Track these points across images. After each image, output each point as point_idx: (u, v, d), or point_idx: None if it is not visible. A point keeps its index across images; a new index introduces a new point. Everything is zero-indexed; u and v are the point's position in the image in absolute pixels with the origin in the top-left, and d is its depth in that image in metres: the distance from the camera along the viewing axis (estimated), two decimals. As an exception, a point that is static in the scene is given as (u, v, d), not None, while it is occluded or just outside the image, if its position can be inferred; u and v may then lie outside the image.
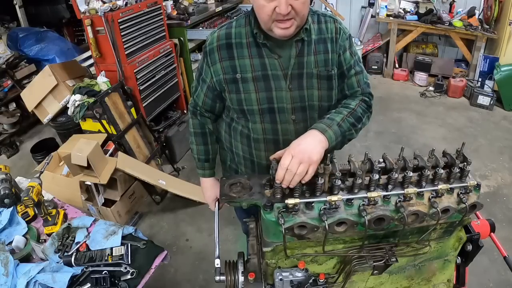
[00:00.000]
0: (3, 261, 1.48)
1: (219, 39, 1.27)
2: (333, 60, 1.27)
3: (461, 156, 1.05)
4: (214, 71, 1.28)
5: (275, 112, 1.27)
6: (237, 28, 1.26)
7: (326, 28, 1.28)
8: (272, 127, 1.29)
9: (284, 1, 1.07)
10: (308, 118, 1.30)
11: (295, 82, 1.24)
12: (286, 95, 1.25)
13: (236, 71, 1.25)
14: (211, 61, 1.28)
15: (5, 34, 4.64)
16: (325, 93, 1.28)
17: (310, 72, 1.25)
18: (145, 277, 1.50)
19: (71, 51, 4.55)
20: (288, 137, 1.29)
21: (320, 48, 1.25)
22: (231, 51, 1.25)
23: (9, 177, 1.72)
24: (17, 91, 4.08)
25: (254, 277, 1.11)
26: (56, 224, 1.75)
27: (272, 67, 1.23)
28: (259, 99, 1.25)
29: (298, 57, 1.23)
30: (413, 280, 1.22)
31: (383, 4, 5.26)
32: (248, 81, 1.24)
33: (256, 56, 1.23)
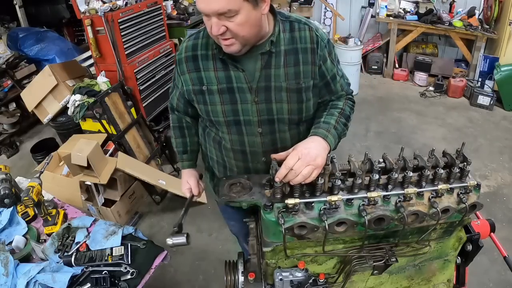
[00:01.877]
0: (3, 261, 1.48)
1: (187, 50, 1.27)
2: (306, 73, 1.22)
3: (461, 156, 1.05)
4: (184, 81, 1.30)
5: (241, 124, 1.27)
6: (204, 39, 1.24)
7: (300, 37, 1.21)
8: (239, 139, 1.30)
9: (215, 22, 1.05)
10: (276, 131, 1.29)
11: (261, 95, 1.22)
12: (252, 108, 1.23)
13: (202, 82, 1.25)
14: (181, 71, 1.30)
15: (5, 34, 4.64)
16: (295, 106, 1.25)
17: (279, 85, 1.21)
18: (145, 277, 1.50)
19: (71, 51, 4.55)
20: (255, 149, 1.31)
21: (291, 60, 1.20)
22: (197, 63, 1.25)
23: (9, 177, 1.72)
24: (17, 91, 4.08)
25: (254, 277, 1.11)
26: (56, 224, 1.75)
27: (237, 80, 1.21)
28: (225, 111, 1.25)
29: (264, 69, 1.19)
30: (413, 280, 1.22)
31: (383, 4, 5.26)
32: (214, 93, 1.24)
33: (221, 68, 1.22)
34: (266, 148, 1.30)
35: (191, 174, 1.53)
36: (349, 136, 4.50)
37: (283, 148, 1.27)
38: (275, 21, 1.20)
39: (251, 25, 1.08)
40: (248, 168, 1.37)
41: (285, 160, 1.00)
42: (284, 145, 1.31)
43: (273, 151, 1.26)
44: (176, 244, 1.19)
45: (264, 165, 1.35)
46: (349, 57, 4.91)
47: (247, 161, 1.35)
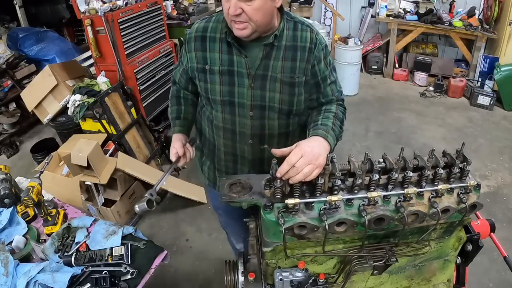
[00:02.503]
0: (3, 261, 1.48)
1: (197, 30, 1.37)
2: (301, 69, 1.31)
3: (461, 156, 1.05)
4: (189, 58, 1.39)
5: (235, 106, 1.36)
6: (215, 23, 1.35)
7: (301, 36, 1.32)
8: (231, 118, 1.39)
9: (234, 3, 1.15)
10: (266, 117, 1.37)
11: (257, 82, 1.31)
12: (248, 92, 1.32)
13: (206, 62, 1.34)
14: (188, 49, 1.39)
15: (5, 34, 4.65)
16: (287, 98, 1.34)
17: (275, 76, 1.31)
18: (145, 277, 1.50)
19: (71, 51, 4.55)
20: (244, 130, 1.40)
21: (289, 55, 1.30)
22: (205, 44, 1.34)
23: (9, 177, 1.72)
24: (17, 91, 4.08)
25: (254, 277, 1.11)
26: (56, 224, 1.75)
27: (239, 65, 1.31)
28: (222, 91, 1.35)
29: (264, 59, 1.29)
30: (413, 280, 1.22)
31: (383, 4, 5.26)
32: (215, 73, 1.34)
33: (225, 52, 1.32)
34: (254, 131, 1.39)
35: (178, 138, 1.50)
36: (349, 136, 4.53)
37: (270, 135, 1.41)
38: (281, 19, 1.31)
39: (265, 13, 1.19)
40: (235, 148, 1.45)
41: (288, 156, 1.01)
42: (271, 131, 1.40)
43: (260, 136, 1.41)
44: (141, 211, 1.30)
45: (250, 147, 1.43)
46: (349, 57, 4.91)
47: (235, 140, 1.43)
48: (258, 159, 1.46)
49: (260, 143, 1.42)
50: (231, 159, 1.50)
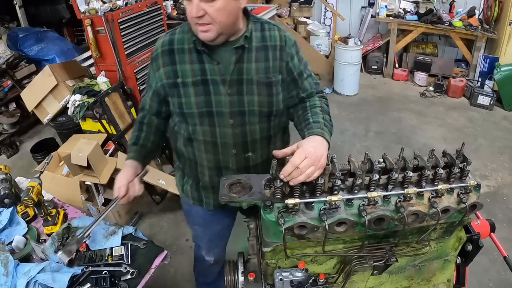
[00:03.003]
0: (3, 261, 1.48)
1: (163, 45, 1.32)
2: (275, 68, 1.31)
3: (461, 156, 1.05)
4: (159, 76, 1.33)
5: (213, 116, 1.31)
6: (180, 35, 1.31)
7: (270, 36, 1.32)
8: (210, 130, 1.34)
9: (196, 4, 1.12)
10: (247, 123, 1.33)
11: (234, 88, 1.28)
12: (225, 99, 1.29)
13: (177, 75, 1.30)
14: (156, 67, 1.34)
15: (5, 34, 4.65)
16: (265, 99, 1.32)
17: (250, 78, 1.28)
18: (145, 277, 1.50)
19: (71, 51, 4.55)
20: (225, 140, 1.35)
21: (261, 56, 1.29)
22: (173, 57, 1.30)
23: (9, 177, 1.72)
24: (17, 91, 4.08)
25: (254, 277, 1.11)
26: (56, 224, 1.75)
27: (212, 72, 1.27)
28: (198, 103, 1.29)
29: (237, 63, 1.27)
30: (413, 280, 1.22)
31: (383, 4, 5.27)
32: (188, 86, 1.29)
33: (196, 61, 1.28)
34: (236, 140, 1.35)
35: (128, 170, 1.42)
36: (349, 136, 4.54)
37: (252, 141, 1.38)
38: (248, 21, 1.30)
39: (229, 13, 1.17)
40: (218, 160, 1.40)
41: (292, 158, 0.99)
42: (253, 137, 1.37)
43: (243, 144, 1.37)
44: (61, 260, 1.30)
45: (234, 157, 1.38)
46: (349, 57, 4.91)
47: (218, 153, 1.38)
48: (243, 168, 1.41)
49: (244, 151, 1.38)
50: (215, 173, 1.44)
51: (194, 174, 1.50)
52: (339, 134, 4.22)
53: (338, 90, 5.18)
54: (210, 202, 1.54)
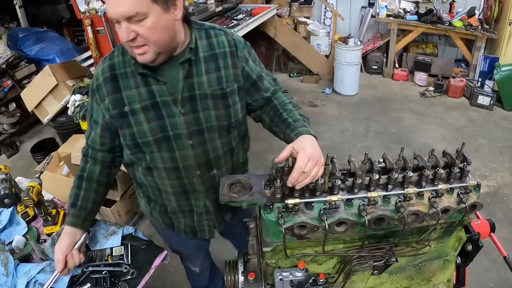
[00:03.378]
0: (3, 261, 1.48)
1: (103, 72, 1.20)
2: (229, 76, 1.22)
3: (461, 156, 1.05)
4: (104, 108, 1.21)
5: (171, 140, 1.22)
6: (120, 57, 1.19)
7: (217, 43, 1.22)
8: (170, 156, 1.24)
9: (125, 27, 1.02)
10: (207, 141, 1.26)
11: (187, 106, 1.19)
12: (180, 120, 1.19)
13: (123, 103, 1.18)
14: (100, 99, 1.21)
15: (5, 34, 4.65)
16: (223, 112, 1.24)
17: (203, 93, 1.20)
18: (145, 277, 1.49)
19: (71, 51, 4.56)
20: (188, 163, 1.27)
21: (212, 66, 1.20)
22: (117, 83, 1.18)
23: (9, 177, 1.72)
24: (17, 91, 4.09)
25: (254, 277, 1.11)
26: (56, 224, 1.74)
27: (160, 94, 1.17)
28: (152, 130, 1.19)
29: (186, 79, 1.17)
30: (413, 280, 1.22)
31: (383, 4, 5.27)
32: (138, 113, 1.18)
33: (142, 84, 1.17)
34: (199, 160, 1.27)
35: (65, 241, 1.35)
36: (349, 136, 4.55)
37: (216, 157, 1.30)
38: (190, 30, 1.20)
39: (163, 30, 1.06)
40: (183, 185, 1.33)
41: (297, 164, 0.97)
42: (216, 154, 1.30)
43: (206, 163, 1.29)
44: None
45: (199, 178, 1.32)
46: (349, 57, 4.91)
47: (181, 177, 1.30)
48: (211, 187, 1.36)
49: (208, 170, 1.31)
50: (182, 198, 1.37)
51: (160, 201, 1.42)
52: (339, 134, 4.22)
53: (338, 90, 5.18)
54: (181, 227, 1.49)
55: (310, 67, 5.57)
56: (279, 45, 5.62)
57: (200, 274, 1.83)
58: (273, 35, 5.33)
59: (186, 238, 1.56)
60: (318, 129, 4.30)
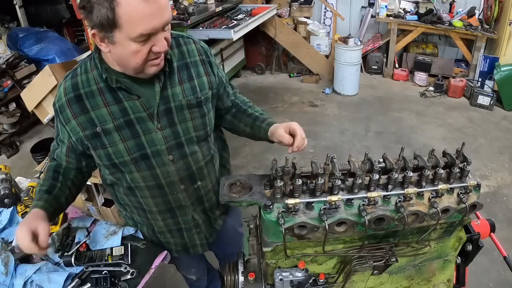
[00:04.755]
0: (4, 260, 1.48)
1: (66, 93, 1.12)
2: (203, 85, 1.20)
3: (461, 156, 1.05)
4: (71, 130, 1.14)
5: (149, 158, 1.17)
6: (84, 75, 1.12)
7: (188, 51, 1.20)
8: (151, 174, 1.20)
9: (161, 37, 1.00)
10: (188, 154, 1.22)
11: (164, 120, 1.15)
12: (157, 136, 1.15)
13: (95, 124, 1.11)
14: (65, 120, 1.14)
15: (5, 34, 4.65)
16: (200, 122, 1.22)
17: (179, 104, 1.16)
18: (145, 277, 1.49)
19: (71, 51, 4.55)
20: (170, 179, 1.23)
21: (184, 75, 1.17)
22: (83, 104, 1.10)
23: (9, 177, 1.72)
24: (17, 91, 4.09)
25: (254, 277, 1.11)
26: (56, 224, 1.74)
27: (134, 110, 1.11)
28: (128, 149, 1.14)
29: (161, 91, 1.13)
30: (413, 280, 1.22)
31: (383, 4, 5.27)
32: (111, 132, 1.12)
33: (112, 102, 1.10)
34: (182, 174, 1.25)
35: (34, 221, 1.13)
36: (349, 136, 4.55)
37: (198, 169, 1.27)
38: None
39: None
40: (168, 202, 1.29)
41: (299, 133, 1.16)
42: (198, 165, 1.27)
43: (189, 176, 1.26)
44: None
45: (184, 192, 1.29)
46: (349, 57, 4.91)
47: (166, 194, 1.27)
48: (197, 200, 1.34)
49: (193, 183, 1.29)
50: (169, 216, 1.34)
51: (146, 221, 1.39)
52: (339, 134, 4.22)
53: (338, 90, 5.18)
54: (172, 248, 1.48)
55: (310, 67, 5.57)
56: (279, 45, 5.62)
57: (198, 280, 1.83)
58: (273, 35, 5.34)
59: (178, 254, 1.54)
60: (318, 129, 4.30)
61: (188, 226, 1.41)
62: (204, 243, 1.51)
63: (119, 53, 1.01)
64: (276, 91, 5.35)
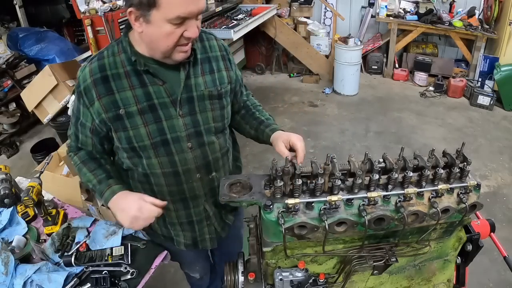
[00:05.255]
0: (4, 260, 1.48)
1: (93, 73, 1.13)
2: (222, 79, 1.25)
3: (461, 156, 1.05)
4: (94, 112, 1.15)
5: (169, 144, 1.19)
6: (111, 58, 1.14)
7: (210, 46, 1.25)
8: (169, 160, 1.21)
9: (194, 23, 1.05)
10: (205, 143, 1.25)
11: (185, 108, 1.18)
12: (178, 122, 1.17)
13: (118, 106, 1.13)
14: (89, 101, 1.14)
15: (5, 34, 4.65)
16: (218, 113, 1.25)
17: (201, 94, 1.19)
18: (145, 277, 1.49)
19: (71, 51, 4.56)
20: (187, 166, 1.24)
21: (206, 68, 1.22)
22: (109, 85, 1.12)
23: (9, 177, 1.72)
24: (17, 91, 4.09)
25: (254, 277, 1.11)
26: (56, 224, 1.75)
27: (158, 95, 1.14)
28: (150, 133, 1.16)
29: (185, 80, 1.16)
30: (413, 280, 1.22)
31: (383, 4, 5.27)
32: (134, 115, 1.14)
33: (138, 86, 1.13)
34: (199, 163, 1.26)
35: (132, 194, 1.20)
36: (349, 136, 4.55)
37: (214, 159, 1.30)
38: None
39: None
40: (182, 191, 1.29)
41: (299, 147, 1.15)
42: (215, 156, 1.30)
43: (205, 165, 1.28)
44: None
45: (199, 181, 1.30)
46: (349, 57, 4.91)
47: (181, 182, 1.27)
48: (210, 191, 1.34)
49: (208, 173, 1.30)
50: (181, 206, 1.34)
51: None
52: (339, 134, 4.22)
53: (338, 90, 5.18)
54: (181, 241, 1.46)
55: (310, 67, 5.57)
56: (279, 45, 5.62)
57: (201, 279, 1.82)
58: (273, 35, 5.34)
59: (184, 251, 1.53)
60: (318, 129, 4.30)
61: (199, 218, 1.41)
62: (213, 238, 1.49)
63: (151, 33, 1.04)
64: (276, 91, 5.35)
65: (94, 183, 1.23)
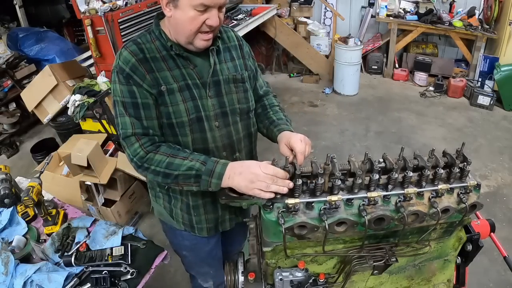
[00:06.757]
0: (4, 260, 1.48)
1: (135, 54, 1.19)
2: (241, 66, 1.37)
3: (461, 156, 1.05)
4: (148, 86, 1.18)
5: (203, 121, 1.27)
6: (148, 44, 1.23)
7: (228, 37, 1.38)
8: (201, 137, 1.28)
9: (216, 13, 1.15)
10: (230, 123, 1.33)
11: (213, 90, 1.28)
12: (207, 102, 1.27)
13: (159, 83, 1.20)
14: (140, 78, 1.18)
15: (5, 34, 4.66)
16: (242, 96, 1.35)
17: (226, 78, 1.31)
18: (145, 277, 1.50)
19: (71, 51, 4.56)
20: (216, 144, 1.32)
21: (227, 56, 1.34)
22: (149, 64, 1.20)
23: (9, 177, 1.72)
24: (17, 91, 4.09)
25: (254, 277, 1.11)
26: (56, 224, 1.75)
27: (190, 77, 1.24)
28: (188, 109, 1.23)
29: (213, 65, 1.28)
30: (413, 280, 1.22)
31: (383, 4, 5.27)
32: (174, 92, 1.21)
33: (174, 67, 1.23)
34: (224, 141, 1.34)
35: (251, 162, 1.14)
36: (349, 136, 4.54)
37: (238, 140, 1.39)
38: None
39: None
40: None
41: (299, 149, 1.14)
42: (238, 136, 1.38)
43: (229, 144, 1.37)
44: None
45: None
46: (349, 57, 4.91)
47: None
48: None
49: (232, 152, 1.37)
50: None
51: (184, 194, 1.37)
52: (339, 134, 4.22)
53: (338, 90, 5.18)
54: (203, 227, 1.45)
55: (310, 67, 5.57)
56: (279, 45, 5.62)
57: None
58: (273, 35, 5.33)
59: (199, 242, 1.51)
60: (318, 129, 4.30)
61: None
62: (233, 218, 1.50)
63: (178, 17, 1.15)
64: (276, 91, 5.30)
65: (198, 167, 1.15)
